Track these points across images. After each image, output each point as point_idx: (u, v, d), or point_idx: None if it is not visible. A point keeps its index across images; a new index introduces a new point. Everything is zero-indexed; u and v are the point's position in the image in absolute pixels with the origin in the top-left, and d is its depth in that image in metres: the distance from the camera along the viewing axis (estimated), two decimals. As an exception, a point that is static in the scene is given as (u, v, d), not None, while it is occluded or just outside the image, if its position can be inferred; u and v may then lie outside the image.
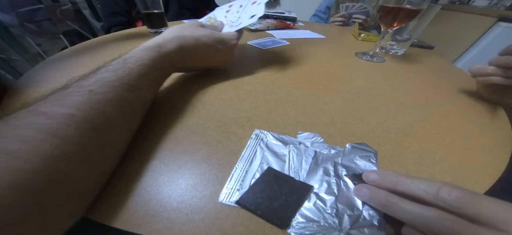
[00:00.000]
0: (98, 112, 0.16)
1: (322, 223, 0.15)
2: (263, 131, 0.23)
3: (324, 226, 0.15)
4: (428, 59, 0.51)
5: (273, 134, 0.22)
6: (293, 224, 0.15)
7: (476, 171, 0.20)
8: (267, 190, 0.17)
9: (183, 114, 0.25)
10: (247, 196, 0.16)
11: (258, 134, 0.22)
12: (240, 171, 0.18)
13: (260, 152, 0.20)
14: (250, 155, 0.20)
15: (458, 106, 0.31)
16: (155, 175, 0.18)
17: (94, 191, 0.15)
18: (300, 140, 0.22)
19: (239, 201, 0.16)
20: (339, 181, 0.18)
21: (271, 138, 0.22)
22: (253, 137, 0.22)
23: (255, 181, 0.17)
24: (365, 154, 0.21)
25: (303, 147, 0.21)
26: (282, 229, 0.15)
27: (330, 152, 0.21)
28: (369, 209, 0.16)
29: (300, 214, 0.16)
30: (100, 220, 0.15)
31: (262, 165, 0.19)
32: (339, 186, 0.18)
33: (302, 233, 0.14)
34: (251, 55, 0.46)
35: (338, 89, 0.33)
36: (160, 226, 0.14)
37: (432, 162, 0.21)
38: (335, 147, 0.21)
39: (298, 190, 0.17)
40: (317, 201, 0.16)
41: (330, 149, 0.21)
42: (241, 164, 0.19)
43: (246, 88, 0.31)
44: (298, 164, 0.19)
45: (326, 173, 0.19)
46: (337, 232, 0.15)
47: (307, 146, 0.21)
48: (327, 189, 0.17)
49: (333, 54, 0.49)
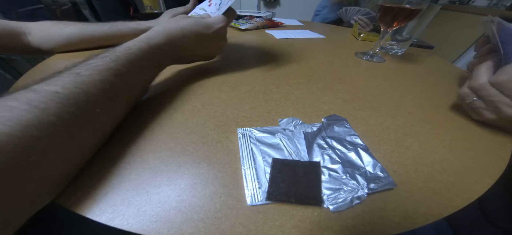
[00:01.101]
0: (81, 91, 0.17)
1: (345, 188, 0.17)
2: (246, 128, 0.23)
3: (349, 189, 0.17)
4: (428, 59, 0.51)
5: (257, 128, 0.23)
6: (324, 199, 0.16)
7: (476, 171, 0.20)
8: (285, 178, 0.17)
9: (183, 114, 0.25)
10: (273, 190, 0.17)
11: (243, 132, 0.22)
12: (250, 171, 0.18)
13: (255, 148, 0.21)
14: (248, 153, 0.20)
15: (458, 105, 0.31)
16: (154, 175, 0.18)
17: (75, 163, 0.17)
18: (283, 126, 0.23)
19: (269, 197, 0.16)
20: (334, 150, 0.21)
21: (257, 132, 0.22)
22: (240, 137, 0.22)
23: (270, 175, 0.18)
24: (339, 123, 0.24)
25: (289, 132, 0.23)
26: (320, 205, 0.16)
27: (313, 129, 0.23)
28: (368, 164, 0.19)
29: (324, 187, 0.17)
30: (99, 220, 0.15)
31: (265, 158, 0.19)
32: (338, 154, 0.20)
33: (336, 203, 0.16)
34: (251, 55, 0.46)
35: (338, 89, 0.33)
36: (159, 226, 0.14)
37: (432, 162, 0.21)
38: (314, 124, 0.24)
39: (310, 169, 0.18)
40: (331, 173, 0.18)
41: (311, 127, 0.23)
42: (246, 164, 0.19)
43: (245, 88, 0.31)
44: (295, 148, 0.21)
45: (321, 148, 0.21)
46: (361, 190, 0.17)
47: (292, 130, 0.23)
48: (331, 160, 0.20)
49: (333, 54, 0.49)
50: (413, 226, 0.15)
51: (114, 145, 0.20)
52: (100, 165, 0.18)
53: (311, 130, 0.23)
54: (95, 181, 0.17)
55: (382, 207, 0.16)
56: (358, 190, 0.17)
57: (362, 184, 0.17)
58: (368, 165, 0.19)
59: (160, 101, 0.27)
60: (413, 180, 0.19)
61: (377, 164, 0.19)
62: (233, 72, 0.36)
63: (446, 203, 0.17)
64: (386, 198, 0.17)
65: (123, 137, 0.21)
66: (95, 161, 0.18)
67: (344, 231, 0.15)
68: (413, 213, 0.16)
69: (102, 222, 0.15)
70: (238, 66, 0.39)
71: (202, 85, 0.32)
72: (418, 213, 0.16)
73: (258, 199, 0.16)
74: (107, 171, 0.18)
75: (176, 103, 0.27)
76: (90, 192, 0.16)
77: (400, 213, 0.16)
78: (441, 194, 0.18)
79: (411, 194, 0.18)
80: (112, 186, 0.17)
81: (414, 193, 0.18)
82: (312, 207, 0.16)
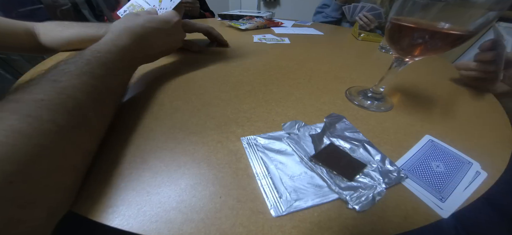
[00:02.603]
0: (67, 97, 0.16)
1: (363, 186, 0.17)
2: (249, 137, 0.22)
3: (368, 187, 0.17)
4: (428, 59, 0.51)
5: (262, 135, 0.22)
6: (348, 199, 0.16)
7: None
8: (331, 155, 0.20)
9: (183, 114, 0.25)
10: (320, 155, 0.20)
11: (248, 141, 0.22)
12: (266, 181, 0.18)
13: (265, 157, 0.20)
14: (260, 164, 0.19)
15: (458, 105, 0.31)
16: (154, 175, 0.18)
17: (81, 170, 0.16)
18: (287, 130, 0.23)
19: (315, 156, 0.19)
20: (345, 148, 0.21)
21: (262, 139, 0.22)
22: (246, 147, 0.21)
23: (320, 150, 0.20)
24: (340, 121, 0.25)
25: (294, 135, 0.22)
26: (351, 180, 0.18)
27: (317, 131, 0.23)
28: (378, 158, 0.20)
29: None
30: (99, 220, 0.15)
31: (278, 166, 0.19)
32: (352, 151, 0.21)
33: (360, 202, 0.16)
34: (251, 55, 0.46)
35: (338, 89, 0.33)
36: (159, 226, 0.14)
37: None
38: (317, 125, 0.24)
39: (354, 164, 0.20)
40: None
41: (315, 128, 0.23)
42: (261, 174, 0.18)
43: (246, 88, 0.31)
44: (304, 151, 0.20)
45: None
46: (379, 185, 0.17)
47: (297, 133, 0.23)
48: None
49: (333, 53, 0.49)
50: (413, 226, 0.15)
51: (115, 146, 0.20)
52: (101, 166, 0.18)
53: (316, 132, 0.23)
54: (95, 181, 0.17)
55: (382, 207, 0.16)
56: (376, 186, 0.17)
57: (378, 180, 0.18)
58: (377, 159, 0.20)
59: (160, 101, 0.27)
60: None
61: (386, 157, 0.20)
62: (233, 72, 0.36)
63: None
64: (386, 198, 0.17)
65: (123, 138, 0.21)
66: (96, 161, 0.18)
67: (344, 231, 0.15)
68: (413, 213, 0.16)
69: (102, 222, 0.15)
70: (238, 66, 0.39)
71: (202, 86, 0.32)
72: (418, 213, 0.16)
73: (282, 210, 0.16)
74: (107, 171, 0.18)
75: (176, 103, 0.27)
76: (90, 192, 0.16)
77: (400, 213, 0.16)
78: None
79: (411, 194, 0.18)
80: (112, 186, 0.17)
81: (414, 193, 0.18)
82: (312, 207, 0.16)
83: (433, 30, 0.20)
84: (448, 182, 0.19)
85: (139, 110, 0.25)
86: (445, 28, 0.20)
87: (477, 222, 0.29)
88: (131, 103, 0.27)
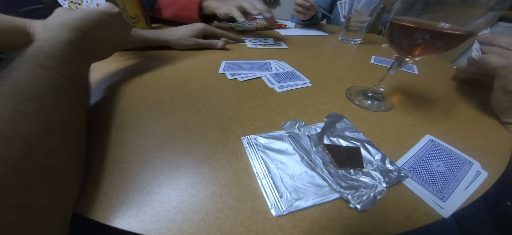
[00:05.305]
0: (23, 87, 0.15)
1: (364, 185, 0.17)
2: (250, 137, 0.22)
3: (368, 186, 0.17)
4: (428, 59, 0.51)
5: (262, 135, 0.22)
6: (349, 199, 0.16)
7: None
8: (334, 149, 0.21)
9: (183, 114, 0.25)
10: (330, 146, 0.21)
11: (248, 141, 0.22)
12: (266, 180, 0.18)
13: (265, 156, 0.20)
14: (260, 163, 0.19)
15: (458, 106, 0.31)
16: (155, 175, 0.18)
17: (82, 164, 0.17)
18: (287, 130, 0.23)
19: (326, 144, 0.21)
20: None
21: (262, 139, 0.22)
22: (247, 146, 0.21)
23: (322, 145, 0.21)
24: (340, 120, 0.25)
25: (294, 134, 0.22)
26: (362, 168, 0.19)
27: (317, 131, 0.23)
28: (378, 158, 0.20)
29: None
30: (99, 220, 0.15)
31: (278, 166, 0.19)
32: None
33: (362, 201, 0.16)
34: (251, 55, 0.46)
35: (338, 89, 0.33)
36: (160, 226, 0.14)
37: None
38: (317, 124, 0.24)
39: (353, 151, 0.21)
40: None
41: (315, 128, 0.23)
42: (261, 174, 0.18)
43: (246, 88, 0.31)
44: (305, 151, 0.20)
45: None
46: (380, 185, 0.17)
47: (297, 132, 0.23)
48: None
49: (333, 54, 0.49)
50: (413, 226, 0.15)
51: (115, 145, 0.20)
52: (101, 165, 0.18)
53: (315, 132, 0.23)
54: (95, 181, 0.17)
55: (383, 207, 0.16)
56: (377, 185, 0.17)
57: (379, 179, 0.18)
58: (377, 159, 0.20)
59: (160, 101, 0.27)
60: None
61: (386, 157, 0.20)
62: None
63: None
64: (387, 198, 0.17)
65: (124, 137, 0.21)
66: (96, 161, 0.18)
67: (344, 230, 0.15)
68: (414, 213, 0.16)
69: (102, 222, 0.15)
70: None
71: (202, 85, 0.32)
72: (419, 213, 0.16)
73: (283, 209, 0.16)
74: (107, 171, 0.18)
75: (177, 103, 0.27)
76: (90, 192, 0.16)
77: (401, 212, 0.16)
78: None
79: (412, 194, 0.18)
80: (112, 186, 0.17)
81: (415, 192, 0.18)
82: (313, 208, 0.16)
83: (433, 30, 0.20)
84: (449, 182, 0.19)
85: (139, 110, 0.25)
86: (445, 28, 0.20)
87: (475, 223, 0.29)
88: (131, 103, 0.27)
